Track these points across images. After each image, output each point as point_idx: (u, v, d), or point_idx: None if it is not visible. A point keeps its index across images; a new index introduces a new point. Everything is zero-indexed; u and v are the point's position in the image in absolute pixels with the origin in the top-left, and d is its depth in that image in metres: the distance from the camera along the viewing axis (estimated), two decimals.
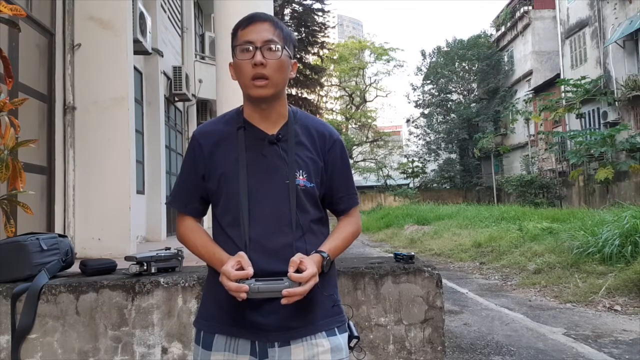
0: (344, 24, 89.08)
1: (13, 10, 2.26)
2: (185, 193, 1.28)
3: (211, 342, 1.19)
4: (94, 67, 4.62)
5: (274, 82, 1.16)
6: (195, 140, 1.25)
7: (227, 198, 1.19)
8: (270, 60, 1.15)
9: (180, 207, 1.28)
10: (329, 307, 1.20)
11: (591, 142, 16.52)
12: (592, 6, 18.03)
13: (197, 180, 1.24)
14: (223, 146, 1.22)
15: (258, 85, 1.15)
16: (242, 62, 1.16)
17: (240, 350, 1.16)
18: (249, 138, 1.21)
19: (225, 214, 1.20)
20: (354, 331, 1.23)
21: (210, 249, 1.20)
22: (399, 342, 2.23)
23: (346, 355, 1.19)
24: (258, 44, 1.15)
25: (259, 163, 1.19)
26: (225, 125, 1.25)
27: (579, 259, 6.20)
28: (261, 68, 1.14)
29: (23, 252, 2.17)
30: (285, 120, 1.24)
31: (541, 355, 3.55)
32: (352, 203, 1.30)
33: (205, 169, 1.22)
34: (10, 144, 2.25)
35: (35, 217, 3.91)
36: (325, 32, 22.24)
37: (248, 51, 1.16)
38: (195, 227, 1.27)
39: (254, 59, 1.14)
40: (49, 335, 2.12)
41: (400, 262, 2.38)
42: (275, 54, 1.16)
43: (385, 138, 36.78)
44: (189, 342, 2.16)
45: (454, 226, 11.89)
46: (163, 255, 2.32)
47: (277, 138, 1.20)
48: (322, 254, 1.16)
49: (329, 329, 1.18)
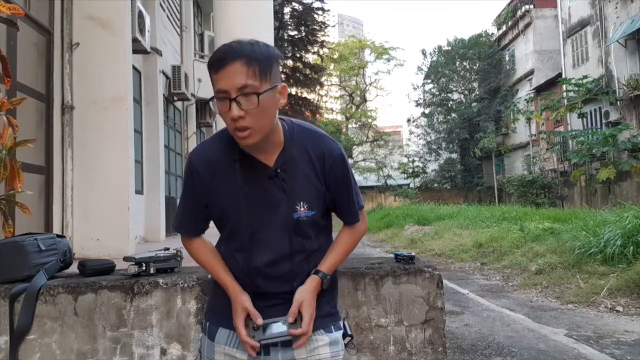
0: (344, 23, 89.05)
1: (11, 9, 2.24)
2: (190, 219, 1.30)
3: (215, 333, 1.25)
4: (92, 66, 4.60)
5: (257, 129, 1.10)
6: (194, 167, 1.22)
7: (230, 229, 1.24)
8: (249, 109, 1.07)
9: (188, 233, 1.31)
10: (327, 311, 1.28)
11: (593, 142, 16.49)
12: (594, 5, 17.99)
13: (199, 206, 1.26)
14: (222, 178, 1.20)
15: (241, 137, 1.10)
16: (222, 112, 1.10)
17: (240, 346, 1.21)
18: (248, 170, 1.18)
19: (230, 240, 1.25)
20: (347, 330, 1.31)
21: (216, 272, 1.26)
22: (400, 343, 2.21)
23: (342, 349, 1.28)
24: (233, 94, 1.06)
25: (260, 197, 1.19)
26: (222, 152, 1.20)
27: (581, 260, 6.18)
28: (241, 121, 1.08)
29: (21, 252, 2.16)
30: (281, 146, 1.19)
31: (542, 356, 3.53)
32: (353, 219, 1.32)
33: (208, 198, 1.23)
34: (8, 144, 2.23)
35: (33, 217, 3.90)
36: (325, 31, 22.24)
37: (225, 101, 1.08)
38: (202, 245, 1.31)
39: (230, 114, 1.07)
40: (47, 336, 2.10)
41: (401, 262, 2.36)
42: (252, 101, 1.07)
43: (386, 138, 36.76)
44: (188, 343, 2.14)
45: (455, 226, 11.86)
46: (162, 255, 2.30)
47: (276, 172, 1.18)
48: (320, 275, 1.22)
49: (326, 327, 1.25)
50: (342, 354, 1.28)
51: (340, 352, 1.27)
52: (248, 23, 4.03)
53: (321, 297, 1.24)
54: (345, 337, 1.30)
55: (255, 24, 4.06)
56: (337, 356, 1.26)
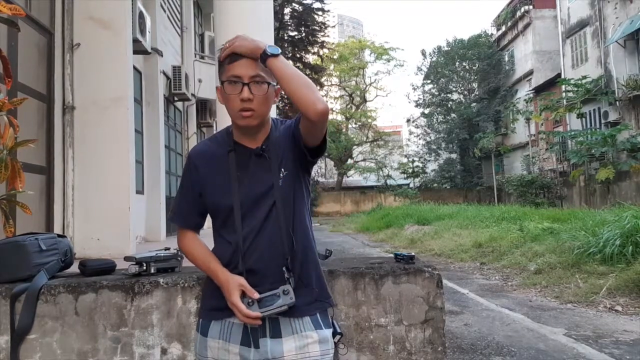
0: (344, 24, 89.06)
1: (12, 9, 2.25)
2: (185, 210, 1.41)
3: (207, 328, 1.31)
4: (93, 66, 4.61)
5: (259, 113, 1.28)
6: (191, 160, 1.39)
7: (224, 215, 1.32)
8: (257, 94, 1.26)
9: (181, 223, 1.41)
10: (314, 296, 1.32)
11: (592, 142, 16.50)
12: (593, 5, 18.00)
13: (195, 198, 1.37)
14: (216, 167, 1.34)
15: (245, 116, 1.27)
16: (230, 95, 1.28)
17: (232, 339, 1.27)
18: (240, 156, 1.34)
19: (223, 227, 1.33)
20: (337, 328, 1.35)
21: (207, 263, 1.33)
22: (400, 343, 2.22)
23: (331, 347, 1.32)
24: (245, 80, 1.25)
25: (250, 177, 1.32)
26: (218, 147, 1.37)
27: (580, 259, 6.19)
28: (248, 103, 1.25)
29: (22, 252, 2.16)
30: (267, 133, 1.36)
31: (542, 355, 3.54)
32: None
33: (202, 187, 1.35)
34: (9, 144, 2.24)
35: (34, 217, 3.91)
36: (325, 32, 22.27)
37: (236, 86, 1.26)
38: (195, 241, 1.40)
39: (241, 95, 1.25)
40: (48, 336, 2.11)
41: (401, 262, 2.37)
42: (261, 88, 1.26)
43: (386, 138, 36.78)
44: (189, 342, 2.15)
45: (455, 226, 11.87)
46: (162, 255, 2.30)
47: (262, 149, 1.33)
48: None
49: (312, 315, 1.30)
50: (332, 352, 1.31)
51: (330, 351, 1.30)
52: (248, 23, 4.03)
53: (306, 283, 1.30)
54: (335, 336, 1.33)
55: (255, 24, 4.06)
56: (327, 355, 1.29)
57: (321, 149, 1.33)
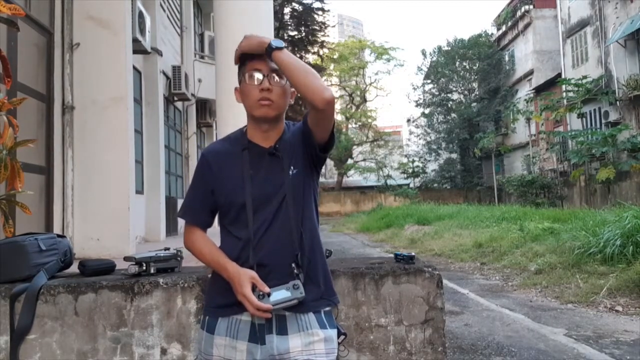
0: (344, 23, 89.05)
1: (12, 9, 2.24)
2: (195, 206, 1.43)
3: (214, 326, 1.32)
4: (92, 66, 4.61)
5: (277, 105, 1.33)
6: (205, 158, 1.42)
7: (236, 212, 1.34)
8: (275, 87, 1.32)
9: (191, 219, 1.43)
10: (319, 293, 1.34)
11: (592, 142, 16.49)
12: (593, 5, 18.00)
13: (206, 195, 1.39)
14: (230, 164, 1.37)
15: (263, 105, 1.31)
16: (250, 86, 1.33)
17: (239, 336, 1.28)
18: (253, 154, 1.37)
19: (233, 224, 1.35)
20: (340, 329, 1.38)
21: (216, 258, 1.34)
22: (400, 343, 2.22)
23: (336, 347, 1.35)
24: (266, 72, 1.32)
25: (263, 176, 1.35)
26: (232, 145, 1.41)
27: (580, 260, 6.18)
28: (267, 93, 1.31)
29: (22, 252, 2.16)
30: (280, 134, 1.40)
31: (542, 356, 3.53)
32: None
33: (215, 184, 1.38)
34: (8, 144, 2.23)
35: (34, 217, 3.91)
36: (325, 32, 22.27)
37: (256, 77, 1.32)
38: (203, 237, 1.41)
39: (261, 85, 1.31)
40: (47, 336, 2.11)
41: (401, 262, 2.36)
42: (280, 81, 1.33)
43: (386, 138, 36.77)
44: (188, 342, 2.14)
45: (455, 226, 11.86)
46: (162, 255, 2.30)
47: (275, 148, 1.37)
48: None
49: (317, 311, 1.32)
50: (336, 352, 1.33)
51: (335, 350, 1.32)
52: (248, 23, 4.03)
53: (313, 279, 1.32)
54: (339, 336, 1.36)
55: (255, 24, 4.05)
56: (332, 353, 1.31)
57: (330, 143, 1.37)
